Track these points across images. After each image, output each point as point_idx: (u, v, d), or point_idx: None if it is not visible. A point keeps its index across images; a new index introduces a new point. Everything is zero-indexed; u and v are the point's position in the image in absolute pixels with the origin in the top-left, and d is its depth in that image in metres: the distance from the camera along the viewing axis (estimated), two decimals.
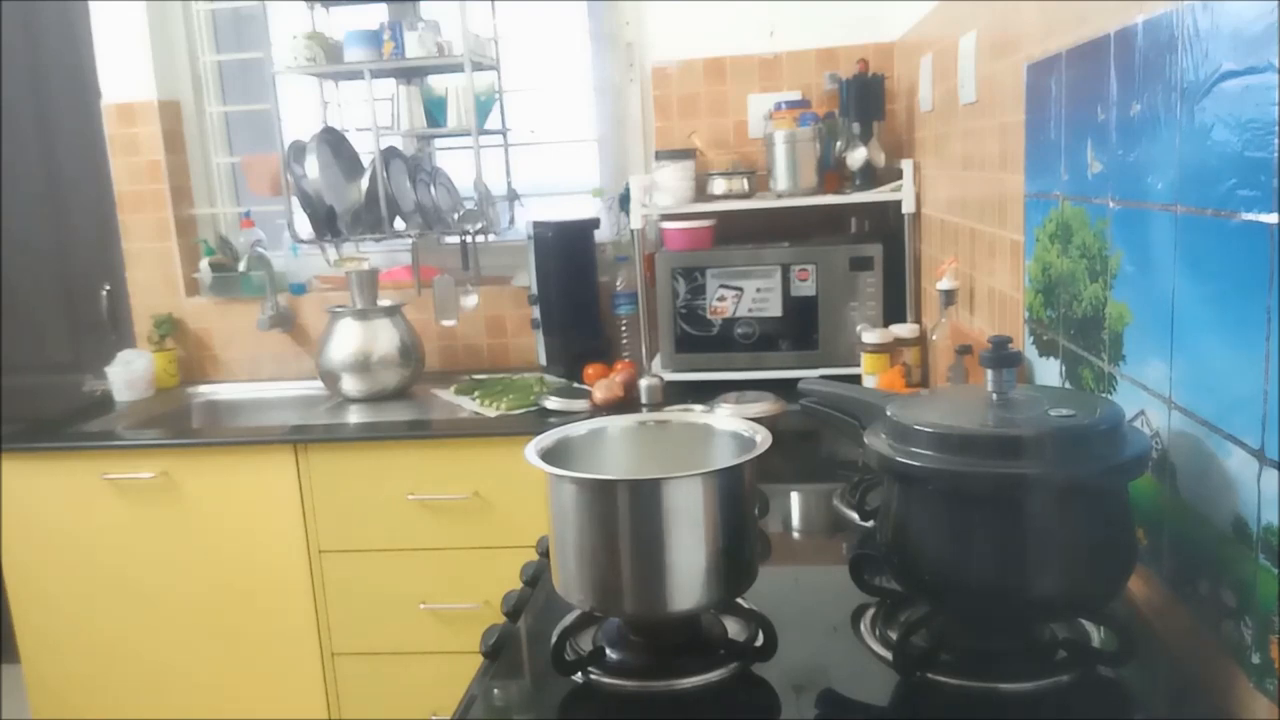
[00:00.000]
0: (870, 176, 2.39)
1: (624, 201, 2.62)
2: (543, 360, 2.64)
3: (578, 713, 0.97)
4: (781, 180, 2.35)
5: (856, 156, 2.37)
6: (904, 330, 2.09)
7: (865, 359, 2.06)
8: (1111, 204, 1.06)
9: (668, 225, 2.46)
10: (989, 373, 0.96)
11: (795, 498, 1.63)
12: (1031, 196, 1.36)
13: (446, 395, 2.55)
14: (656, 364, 2.44)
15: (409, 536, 2.28)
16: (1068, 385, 1.23)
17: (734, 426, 1.11)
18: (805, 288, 2.31)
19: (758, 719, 0.95)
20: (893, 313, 2.29)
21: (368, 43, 2.49)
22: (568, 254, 2.61)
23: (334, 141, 2.55)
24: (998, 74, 1.55)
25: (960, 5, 1.81)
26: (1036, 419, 0.90)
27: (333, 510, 2.29)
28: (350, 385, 2.56)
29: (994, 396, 0.95)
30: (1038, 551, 0.89)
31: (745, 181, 2.41)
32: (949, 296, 1.80)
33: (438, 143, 2.87)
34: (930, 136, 2.21)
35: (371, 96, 2.48)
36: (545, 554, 1.21)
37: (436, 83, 2.69)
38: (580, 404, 2.32)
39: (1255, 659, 0.79)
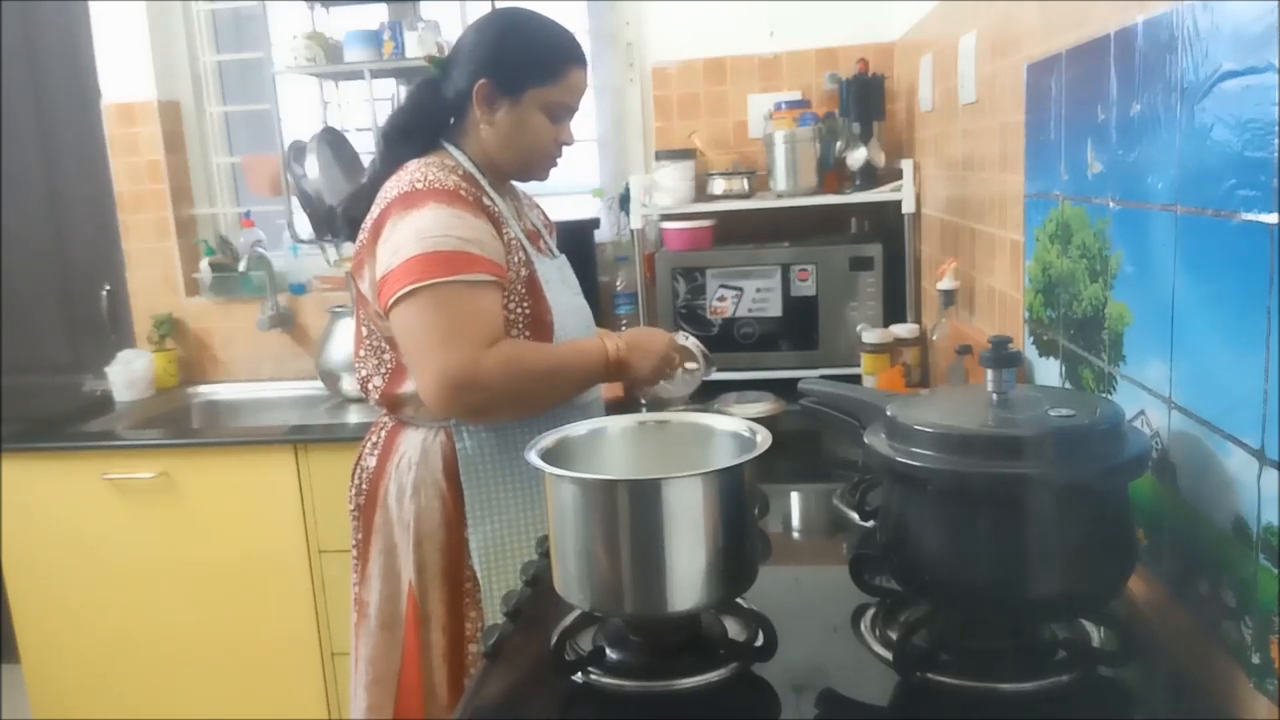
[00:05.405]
0: (870, 176, 2.38)
1: (624, 201, 2.62)
2: None
3: (578, 713, 0.97)
4: (781, 180, 2.35)
5: (856, 156, 2.37)
6: (904, 330, 2.09)
7: (865, 359, 2.06)
8: (1111, 204, 1.06)
9: (668, 225, 2.46)
10: (989, 373, 0.96)
11: (795, 498, 1.63)
12: (1031, 196, 1.36)
13: None
14: None
15: None
16: (1068, 385, 1.23)
17: (734, 426, 1.11)
18: (805, 288, 2.31)
19: (758, 719, 0.94)
20: (893, 313, 2.29)
21: (368, 43, 2.49)
22: (568, 254, 2.60)
23: (334, 141, 2.55)
24: (998, 74, 1.55)
25: (960, 5, 1.81)
26: (1036, 419, 0.90)
27: (333, 510, 2.29)
28: (350, 385, 2.56)
29: (994, 396, 0.95)
30: (1038, 552, 0.89)
31: (745, 181, 2.41)
32: (949, 296, 1.80)
33: None
34: (930, 136, 2.21)
35: (371, 96, 2.48)
36: (545, 554, 1.21)
37: None
38: None
39: (1255, 659, 0.79)
